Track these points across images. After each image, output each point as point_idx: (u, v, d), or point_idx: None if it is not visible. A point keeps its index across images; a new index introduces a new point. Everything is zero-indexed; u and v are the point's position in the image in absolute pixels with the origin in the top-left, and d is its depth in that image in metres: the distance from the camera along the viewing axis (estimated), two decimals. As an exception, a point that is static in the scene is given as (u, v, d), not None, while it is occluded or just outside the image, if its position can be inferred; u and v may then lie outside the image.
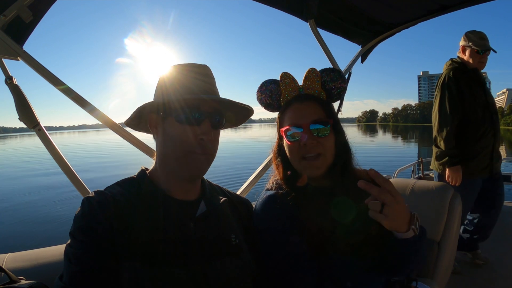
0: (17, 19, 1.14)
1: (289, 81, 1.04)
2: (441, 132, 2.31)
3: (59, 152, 1.25)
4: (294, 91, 1.04)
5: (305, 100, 1.02)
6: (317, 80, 1.02)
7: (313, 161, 0.97)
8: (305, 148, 0.96)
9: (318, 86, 1.03)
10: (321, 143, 0.97)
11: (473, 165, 2.32)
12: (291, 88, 1.04)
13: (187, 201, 0.86)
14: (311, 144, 0.96)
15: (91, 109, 1.29)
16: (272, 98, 1.06)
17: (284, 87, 1.05)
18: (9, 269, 0.78)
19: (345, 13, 2.00)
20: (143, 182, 0.85)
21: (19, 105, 1.18)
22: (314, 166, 0.97)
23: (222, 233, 0.87)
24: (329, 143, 0.98)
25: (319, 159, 0.97)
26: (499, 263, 2.70)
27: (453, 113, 2.26)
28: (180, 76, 0.86)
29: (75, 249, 0.70)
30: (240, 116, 1.00)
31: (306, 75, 1.03)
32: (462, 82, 2.29)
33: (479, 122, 2.29)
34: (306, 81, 1.03)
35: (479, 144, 2.30)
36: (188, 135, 0.81)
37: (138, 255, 0.72)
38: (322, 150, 0.97)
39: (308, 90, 1.03)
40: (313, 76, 1.02)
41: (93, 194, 0.78)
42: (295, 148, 0.99)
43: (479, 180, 2.39)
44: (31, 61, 1.20)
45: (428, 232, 1.57)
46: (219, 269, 0.80)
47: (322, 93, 1.04)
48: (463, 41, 2.37)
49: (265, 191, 1.06)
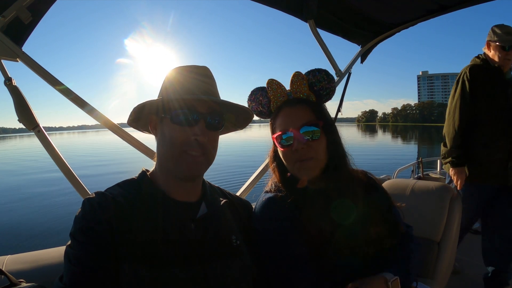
0: (16, 20, 1.14)
1: (276, 87, 1.04)
2: (448, 131, 2.22)
3: (59, 153, 1.24)
4: (282, 96, 1.04)
5: (294, 104, 1.02)
6: (303, 83, 1.02)
7: (305, 163, 0.98)
8: (297, 154, 0.97)
9: (305, 88, 1.02)
10: (312, 147, 0.97)
11: (480, 169, 2.16)
12: (279, 93, 1.04)
13: (188, 203, 0.86)
14: (302, 150, 0.96)
15: (90, 110, 1.29)
16: (262, 105, 1.07)
17: (272, 93, 1.05)
18: (9, 271, 0.78)
19: (345, 13, 1.99)
20: (144, 183, 0.85)
21: (19, 107, 1.18)
22: (306, 167, 0.98)
23: (222, 234, 0.87)
24: (320, 146, 0.98)
25: (310, 161, 0.97)
26: None
27: (461, 112, 2.14)
28: (180, 77, 0.86)
29: (75, 250, 0.70)
30: (240, 118, 0.99)
31: (292, 79, 1.03)
32: (479, 80, 2.12)
33: (491, 125, 2.11)
34: (293, 85, 1.03)
35: (488, 147, 2.12)
36: (183, 135, 0.81)
37: (138, 256, 0.72)
38: (313, 154, 0.97)
39: (296, 94, 1.03)
40: (299, 79, 1.02)
41: (94, 195, 0.78)
42: (288, 154, 1.00)
43: (486, 187, 2.18)
44: (30, 62, 1.20)
45: (428, 233, 1.62)
46: (220, 270, 0.80)
47: (311, 95, 1.04)
48: (488, 36, 2.16)
49: (264, 193, 1.06)
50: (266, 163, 1.84)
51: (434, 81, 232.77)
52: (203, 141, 0.82)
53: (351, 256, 0.93)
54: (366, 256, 0.95)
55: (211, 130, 0.85)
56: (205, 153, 0.84)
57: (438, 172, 4.88)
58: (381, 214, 1.02)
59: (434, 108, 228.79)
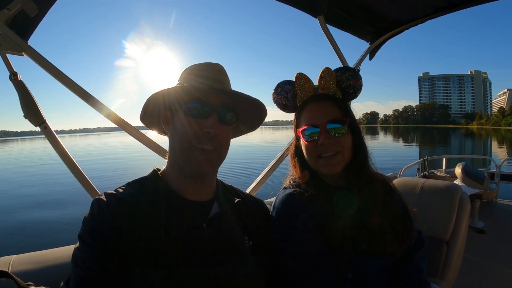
0: (22, 13, 1.11)
1: (304, 81, 1.04)
2: None
3: (66, 151, 1.21)
4: (309, 91, 1.04)
5: (321, 99, 1.02)
6: (332, 80, 1.02)
7: (330, 159, 0.97)
8: (322, 148, 0.97)
9: (333, 85, 1.03)
10: (338, 142, 0.97)
11: None
12: (307, 88, 1.04)
13: (200, 202, 0.84)
14: (328, 144, 0.96)
15: (97, 105, 1.26)
16: (288, 99, 1.07)
17: (300, 88, 1.04)
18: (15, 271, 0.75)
19: (355, 9, 1.98)
20: (155, 182, 0.84)
21: (24, 102, 1.14)
22: (331, 163, 0.97)
23: (235, 234, 0.85)
24: (346, 142, 0.99)
25: (336, 157, 0.97)
26: (507, 263, 2.68)
27: None
28: (194, 72, 0.86)
29: (82, 253, 0.68)
30: (253, 116, 0.96)
31: (321, 74, 1.03)
32: None
33: None
34: (321, 80, 1.03)
35: None
36: (194, 128, 0.79)
37: (148, 257, 0.70)
38: (339, 149, 0.97)
39: (323, 89, 1.03)
40: (328, 75, 1.02)
41: (103, 195, 0.76)
42: (312, 148, 0.99)
43: None
44: (36, 56, 1.17)
45: (437, 232, 1.60)
46: (231, 271, 0.78)
47: (338, 92, 1.04)
48: None
49: (283, 189, 1.06)
50: (274, 162, 1.82)
51: (435, 82, 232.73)
52: (215, 134, 0.80)
53: (370, 255, 0.93)
54: (385, 256, 0.96)
55: (224, 124, 0.83)
56: (216, 148, 0.82)
57: (444, 170, 4.89)
58: (398, 216, 1.03)
59: (435, 109, 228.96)
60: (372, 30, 2.23)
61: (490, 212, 4.23)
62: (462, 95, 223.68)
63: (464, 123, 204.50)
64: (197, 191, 0.85)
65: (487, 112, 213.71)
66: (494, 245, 3.07)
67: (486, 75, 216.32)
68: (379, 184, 1.04)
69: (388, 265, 0.98)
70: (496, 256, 2.77)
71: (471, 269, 2.57)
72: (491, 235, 3.44)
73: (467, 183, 3.78)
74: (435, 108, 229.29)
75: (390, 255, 0.96)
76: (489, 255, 2.83)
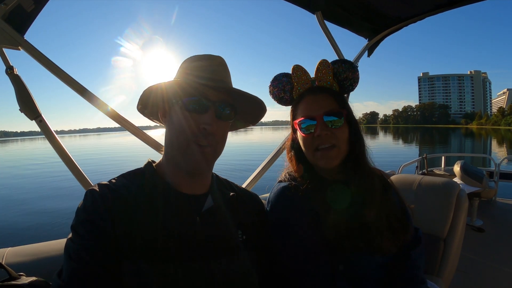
0: (18, 7, 1.11)
1: (301, 73, 1.03)
2: None
3: (61, 144, 1.21)
4: (306, 83, 1.04)
5: (318, 92, 1.01)
6: (329, 72, 1.02)
7: (327, 152, 0.96)
8: (319, 140, 0.96)
9: (330, 77, 1.02)
10: (335, 134, 0.96)
11: None
12: (303, 80, 1.03)
13: (194, 196, 0.84)
14: (325, 136, 0.95)
15: (94, 100, 1.25)
16: (285, 91, 1.06)
17: (296, 80, 1.04)
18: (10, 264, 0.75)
19: (353, 5, 1.97)
20: (149, 174, 0.83)
21: (20, 96, 1.14)
22: (328, 156, 0.96)
23: (228, 228, 0.84)
24: (343, 135, 0.97)
25: (333, 150, 0.96)
26: (506, 262, 2.68)
27: None
28: (193, 65, 0.84)
29: (75, 244, 0.67)
30: (252, 113, 0.96)
31: (318, 66, 1.02)
32: None
33: None
34: (318, 72, 1.02)
35: None
36: (191, 123, 0.78)
37: (140, 250, 0.69)
38: (335, 141, 0.96)
39: (320, 81, 1.03)
40: (325, 67, 1.02)
41: (96, 186, 0.75)
42: (310, 140, 0.98)
43: None
44: (32, 51, 1.17)
45: (434, 229, 1.59)
46: (225, 265, 0.78)
47: (334, 85, 1.03)
48: None
49: (278, 183, 1.05)
50: (271, 157, 1.81)
51: (435, 82, 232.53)
52: (211, 130, 0.79)
53: (366, 251, 0.92)
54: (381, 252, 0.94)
55: (221, 120, 0.82)
56: (212, 144, 0.81)
57: (443, 168, 4.88)
58: (395, 212, 1.01)
59: (435, 109, 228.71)
60: (370, 26, 2.21)
61: (488, 211, 4.23)
62: (462, 95, 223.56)
63: (464, 123, 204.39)
64: (191, 185, 0.84)
65: (487, 112, 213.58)
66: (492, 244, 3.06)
67: (486, 75, 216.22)
68: (377, 179, 1.03)
69: (384, 261, 0.96)
70: (494, 254, 2.77)
71: (469, 267, 2.57)
72: (489, 234, 3.44)
73: (465, 181, 3.78)
74: (434, 108, 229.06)
75: (386, 252, 0.94)
76: (487, 253, 2.82)
